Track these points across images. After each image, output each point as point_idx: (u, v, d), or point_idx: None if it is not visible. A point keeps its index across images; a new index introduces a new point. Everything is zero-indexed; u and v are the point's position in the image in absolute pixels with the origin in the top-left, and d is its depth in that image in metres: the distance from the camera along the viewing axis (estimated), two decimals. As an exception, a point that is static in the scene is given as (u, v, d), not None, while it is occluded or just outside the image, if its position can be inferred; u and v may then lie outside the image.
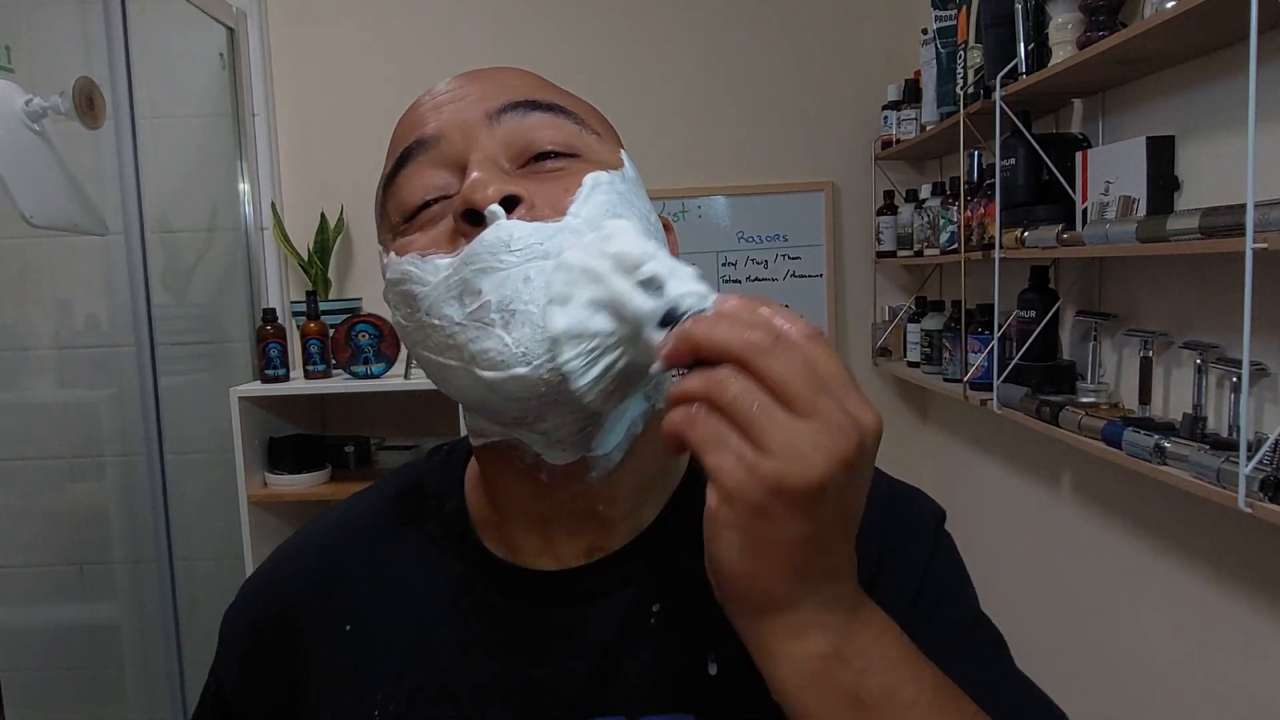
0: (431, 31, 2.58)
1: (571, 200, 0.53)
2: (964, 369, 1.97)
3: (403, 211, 0.56)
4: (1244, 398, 1.20)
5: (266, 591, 0.66)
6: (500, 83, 0.58)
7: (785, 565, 0.42)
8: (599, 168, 0.55)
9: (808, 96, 2.59)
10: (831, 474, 0.41)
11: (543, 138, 0.55)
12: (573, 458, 0.55)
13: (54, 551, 2.45)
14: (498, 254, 0.50)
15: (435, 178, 0.55)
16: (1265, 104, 1.17)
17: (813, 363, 0.43)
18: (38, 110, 1.72)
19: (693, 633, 0.57)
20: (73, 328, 2.46)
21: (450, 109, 0.56)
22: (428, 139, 0.55)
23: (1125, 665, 1.67)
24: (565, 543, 0.59)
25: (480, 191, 0.51)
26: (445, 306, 0.52)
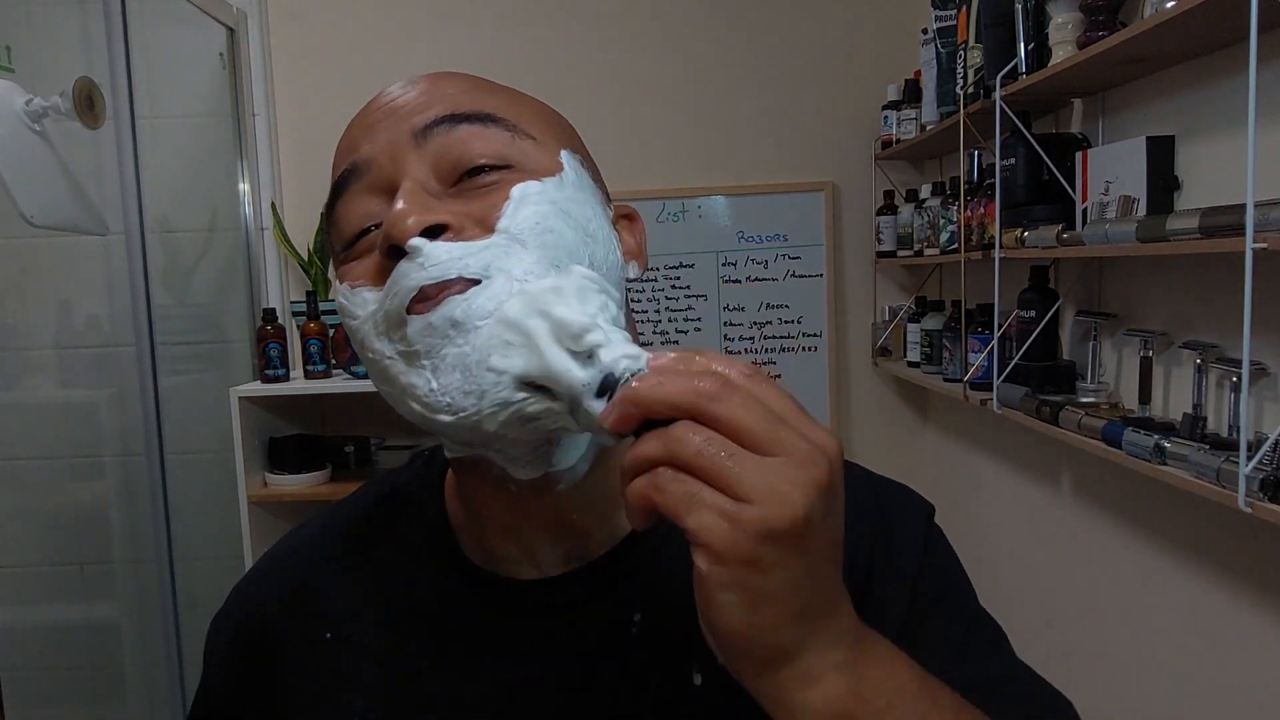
0: (431, 31, 2.58)
1: (499, 215, 0.51)
2: (964, 369, 1.97)
3: (341, 240, 0.55)
4: (1244, 398, 1.20)
5: (249, 600, 0.66)
6: (430, 94, 0.55)
7: (787, 612, 0.41)
8: (533, 176, 0.53)
9: (808, 96, 2.59)
10: (812, 505, 0.39)
11: (472, 151, 0.53)
12: (536, 474, 0.54)
13: (54, 551, 2.45)
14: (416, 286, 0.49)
15: (369, 205, 0.54)
16: (1265, 104, 1.17)
17: (764, 400, 0.41)
18: (38, 110, 1.72)
19: (676, 642, 0.56)
20: (73, 328, 2.46)
21: (380, 129, 0.55)
22: (359, 165, 0.54)
23: (1125, 665, 1.67)
24: (543, 551, 0.58)
25: (399, 225, 0.49)
26: (375, 340, 0.52)
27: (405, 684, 0.58)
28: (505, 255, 0.49)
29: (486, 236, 0.50)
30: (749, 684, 0.44)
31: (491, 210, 0.51)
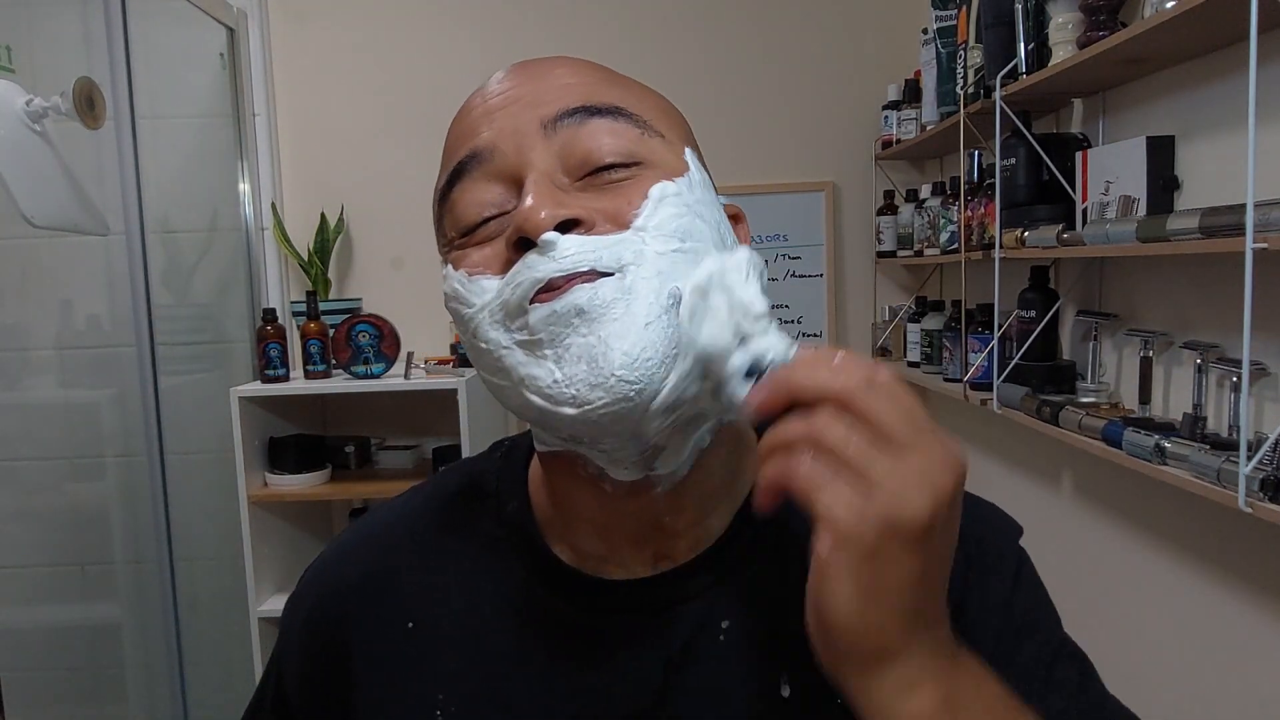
0: (432, 31, 2.58)
1: (636, 214, 0.50)
2: (964, 369, 1.97)
3: (459, 228, 0.54)
4: (1244, 397, 1.20)
5: (323, 585, 0.64)
6: (555, 82, 0.54)
7: (898, 610, 0.42)
8: (665, 175, 0.52)
9: (808, 96, 2.59)
10: (940, 508, 0.41)
11: (602, 148, 0.52)
12: (636, 476, 0.54)
13: (54, 551, 2.45)
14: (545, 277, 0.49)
15: (491, 193, 0.52)
16: (1265, 104, 1.17)
17: (904, 403, 0.42)
18: (38, 110, 1.72)
19: (764, 652, 0.55)
20: (73, 328, 2.46)
21: (503, 116, 0.53)
22: (481, 152, 0.53)
23: (1125, 665, 1.67)
24: (629, 551, 0.57)
25: (533, 219, 0.49)
26: (490, 330, 0.51)
27: (485, 678, 0.57)
28: (640, 251, 0.49)
29: (619, 232, 0.50)
30: (846, 684, 0.44)
31: (626, 207, 0.51)
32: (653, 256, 0.49)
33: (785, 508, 0.55)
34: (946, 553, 0.43)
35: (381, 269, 2.64)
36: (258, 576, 2.26)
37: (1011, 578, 0.60)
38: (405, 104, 2.58)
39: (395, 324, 2.32)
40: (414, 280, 2.61)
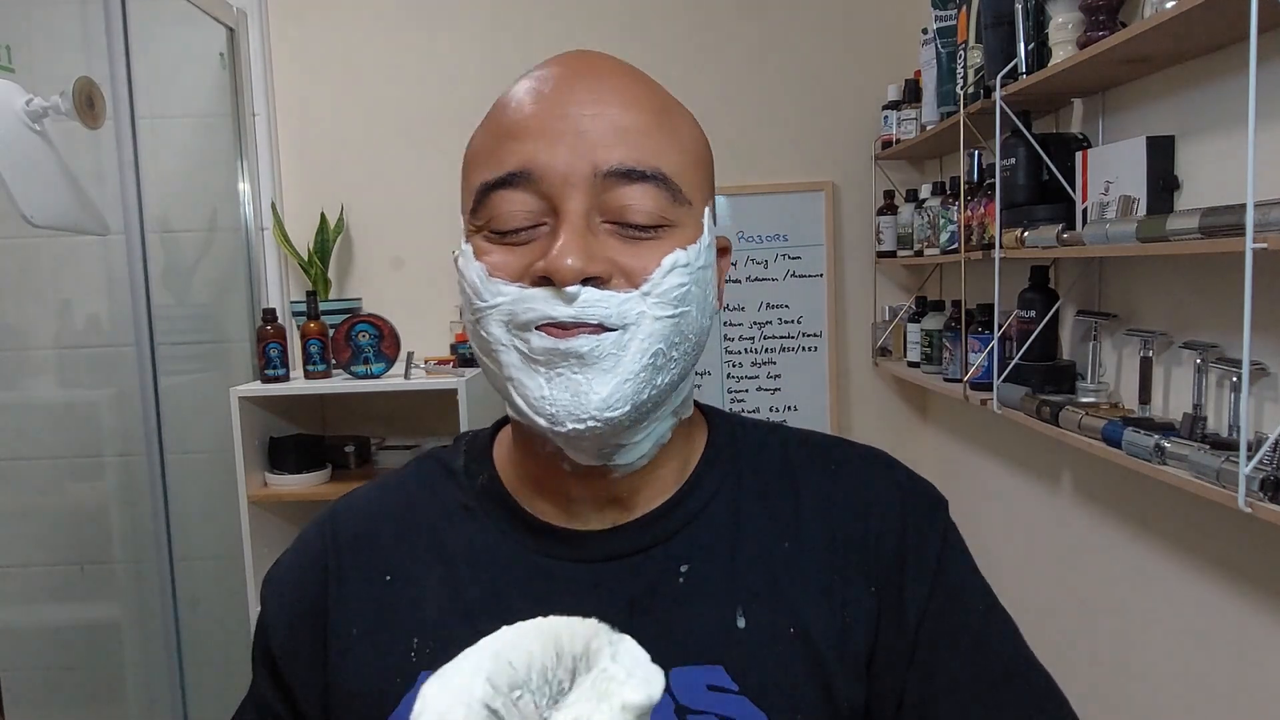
0: (432, 31, 2.58)
1: (647, 278, 0.58)
2: (964, 369, 1.97)
3: (493, 225, 0.60)
4: (1244, 398, 1.20)
5: (308, 546, 0.70)
6: (616, 123, 0.59)
7: None
8: (683, 241, 0.60)
9: (808, 96, 2.59)
10: None
11: (638, 209, 0.59)
12: (593, 463, 0.62)
13: (54, 551, 2.45)
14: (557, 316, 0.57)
15: (530, 206, 0.59)
16: (1265, 104, 1.17)
17: None
18: (38, 110, 1.72)
19: (720, 590, 0.63)
20: (73, 328, 2.46)
21: (564, 147, 0.58)
22: (533, 173, 0.58)
23: (1125, 665, 1.67)
24: (589, 518, 0.65)
25: (563, 270, 0.56)
26: (494, 327, 0.59)
27: (461, 622, 0.63)
28: (642, 314, 0.58)
29: (627, 291, 0.58)
30: None
31: (640, 271, 0.59)
32: (649, 321, 0.58)
33: (734, 473, 0.66)
34: None
35: (381, 269, 2.64)
36: (258, 576, 2.25)
37: (938, 543, 0.66)
38: (405, 104, 2.58)
39: (395, 324, 2.32)
40: (414, 280, 2.61)
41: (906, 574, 0.64)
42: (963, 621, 0.64)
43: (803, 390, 2.65)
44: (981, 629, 0.65)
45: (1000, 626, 0.66)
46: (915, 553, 0.64)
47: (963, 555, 0.67)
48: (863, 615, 0.62)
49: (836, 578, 0.63)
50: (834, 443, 0.72)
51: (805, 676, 0.60)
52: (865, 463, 0.70)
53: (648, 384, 0.58)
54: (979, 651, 0.63)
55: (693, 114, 0.66)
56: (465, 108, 2.66)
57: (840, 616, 0.62)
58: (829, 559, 0.64)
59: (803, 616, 0.62)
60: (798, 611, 0.62)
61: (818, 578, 0.63)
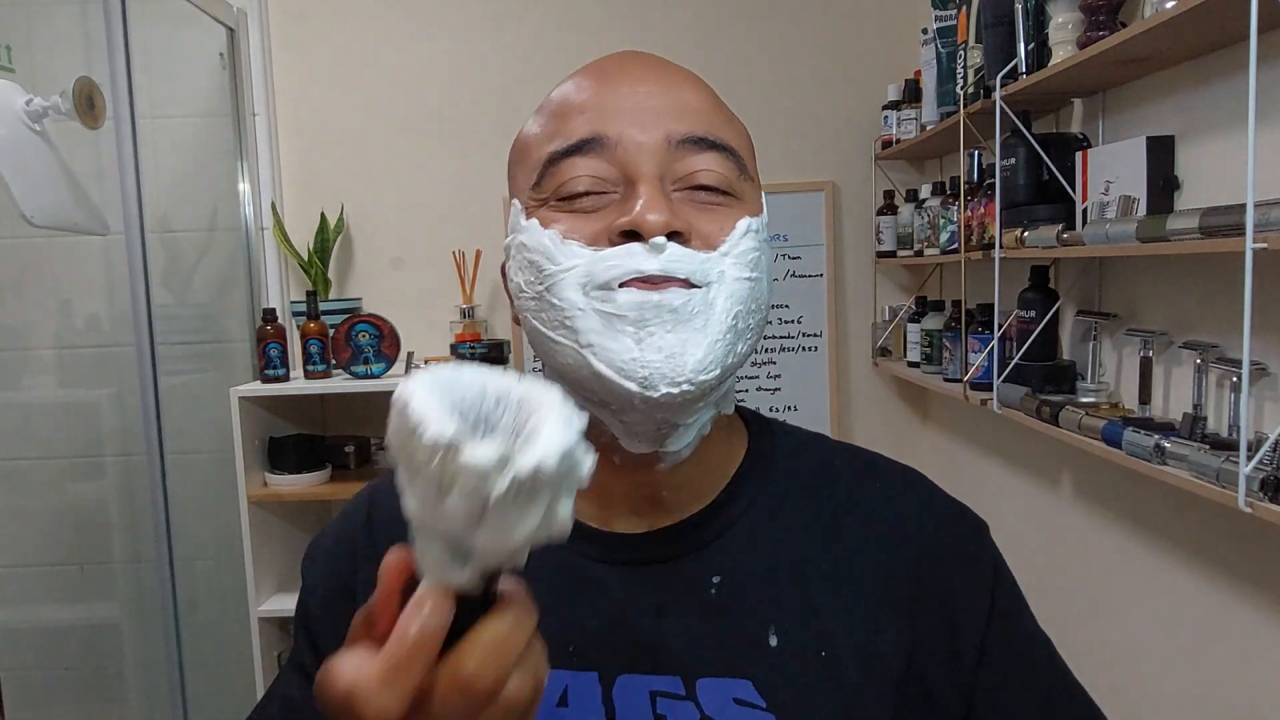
0: (431, 31, 2.58)
1: (724, 239, 0.58)
2: (964, 369, 1.97)
3: (561, 192, 0.59)
4: (1244, 397, 1.20)
5: (347, 523, 0.71)
6: (681, 100, 0.61)
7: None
8: (749, 212, 0.61)
9: (808, 96, 2.59)
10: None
11: (710, 176, 0.59)
12: (647, 449, 0.60)
13: (54, 551, 2.45)
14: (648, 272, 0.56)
15: (603, 172, 0.58)
16: (1265, 104, 1.17)
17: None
18: (38, 110, 1.72)
19: (753, 606, 0.61)
20: (73, 328, 2.46)
21: (633, 116, 0.59)
22: (606, 140, 0.58)
23: (1125, 665, 1.67)
24: (623, 520, 0.64)
25: (652, 221, 0.55)
26: (569, 291, 0.57)
27: None
28: (723, 273, 0.57)
29: (707, 251, 0.58)
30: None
31: (718, 232, 0.58)
32: (730, 281, 0.57)
33: (772, 485, 0.64)
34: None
35: (381, 269, 2.64)
36: (258, 576, 2.26)
37: (990, 571, 0.66)
38: (405, 104, 2.58)
39: (395, 324, 2.32)
40: (414, 280, 2.61)
41: (957, 608, 0.63)
42: (1026, 665, 0.65)
43: (803, 390, 2.65)
44: (1046, 672, 0.66)
45: (1057, 662, 0.67)
46: (966, 587, 0.64)
47: (1013, 586, 0.67)
48: (898, 641, 0.61)
49: (872, 601, 0.62)
50: (873, 460, 0.71)
51: (833, 700, 0.59)
52: (907, 485, 0.69)
53: (732, 348, 0.57)
54: (1045, 693, 0.65)
55: None
56: (466, 107, 2.68)
57: (874, 641, 0.61)
58: (866, 581, 0.62)
59: (835, 640, 0.60)
60: (831, 634, 0.60)
61: (853, 600, 0.62)
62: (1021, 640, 0.66)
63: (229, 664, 2.34)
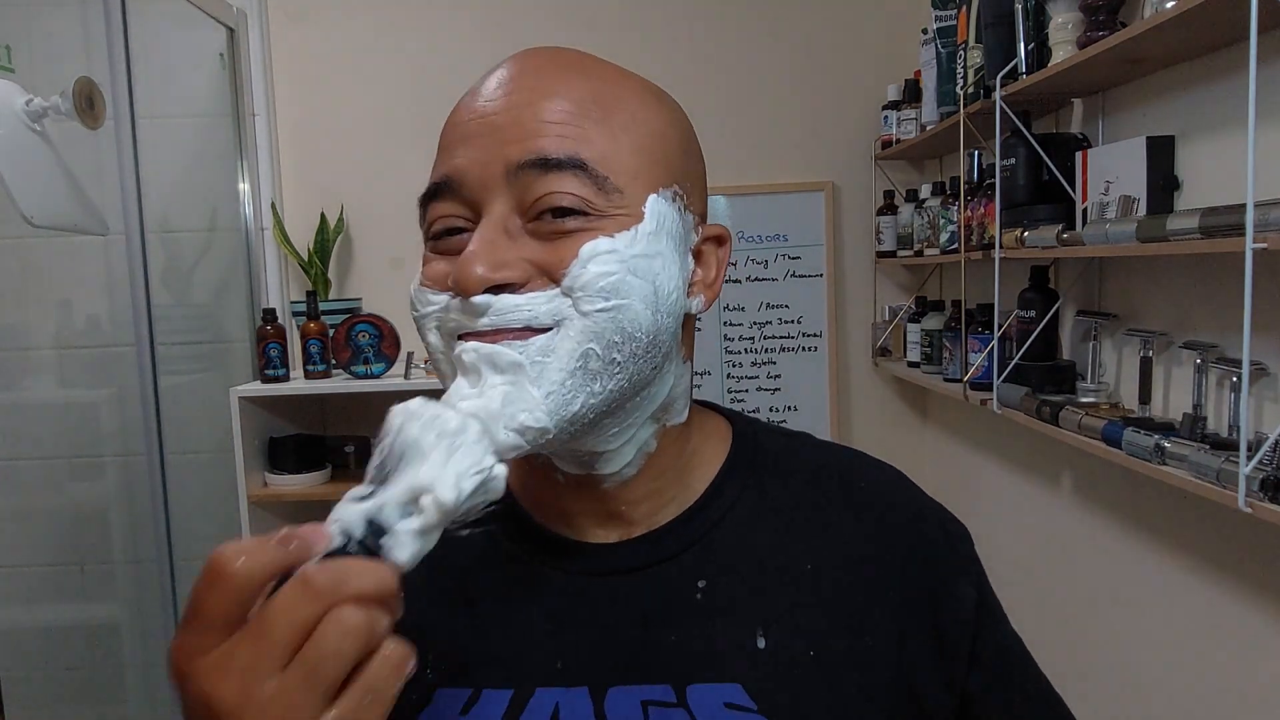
0: (431, 31, 2.58)
1: (565, 272, 0.53)
2: (964, 369, 1.97)
3: (428, 235, 0.59)
4: (1244, 398, 1.20)
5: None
6: (526, 116, 0.55)
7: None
8: (612, 228, 0.54)
9: (808, 96, 2.59)
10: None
11: (560, 199, 0.54)
12: (580, 472, 0.59)
13: (54, 551, 2.45)
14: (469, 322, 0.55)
15: (456, 211, 0.57)
16: (1265, 104, 1.17)
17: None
18: (38, 110, 1.72)
19: (740, 609, 0.60)
20: (73, 328, 2.46)
21: (477, 144, 0.56)
22: (453, 180, 0.56)
23: (1125, 665, 1.67)
24: (593, 533, 0.63)
25: (467, 280, 0.53)
26: (431, 335, 0.58)
27: (475, 637, 0.61)
28: (559, 318, 0.53)
29: (552, 288, 0.54)
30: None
31: (558, 265, 0.54)
32: (579, 317, 0.53)
33: (755, 488, 0.63)
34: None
35: (381, 269, 2.64)
36: (258, 576, 2.25)
37: (976, 576, 0.66)
38: (405, 104, 2.58)
39: (395, 324, 2.32)
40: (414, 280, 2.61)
41: (946, 608, 0.63)
42: (1015, 668, 0.66)
43: (803, 390, 2.65)
44: (1030, 675, 0.67)
45: (1033, 664, 0.68)
46: (954, 588, 0.64)
47: (991, 590, 0.67)
48: (887, 641, 0.61)
49: (861, 601, 0.61)
50: (855, 458, 0.70)
51: (824, 701, 0.59)
52: (891, 484, 0.69)
53: (579, 392, 0.53)
54: (1034, 694, 0.66)
55: (662, 96, 0.62)
56: (465, 108, 2.67)
57: (864, 641, 0.60)
58: (854, 581, 0.62)
59: (824, 642, 0.60)
60: (819, 637, 0.60)
61: (842, 600, 0.61)
62: (1006, 642, 0.66)
63: (229, 664, 2.34)
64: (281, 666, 0.39)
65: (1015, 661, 0.66)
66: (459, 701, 0.59)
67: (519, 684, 0.59)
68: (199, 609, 0.40)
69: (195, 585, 0.41)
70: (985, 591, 0.66)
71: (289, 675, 0.39)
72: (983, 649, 0.63)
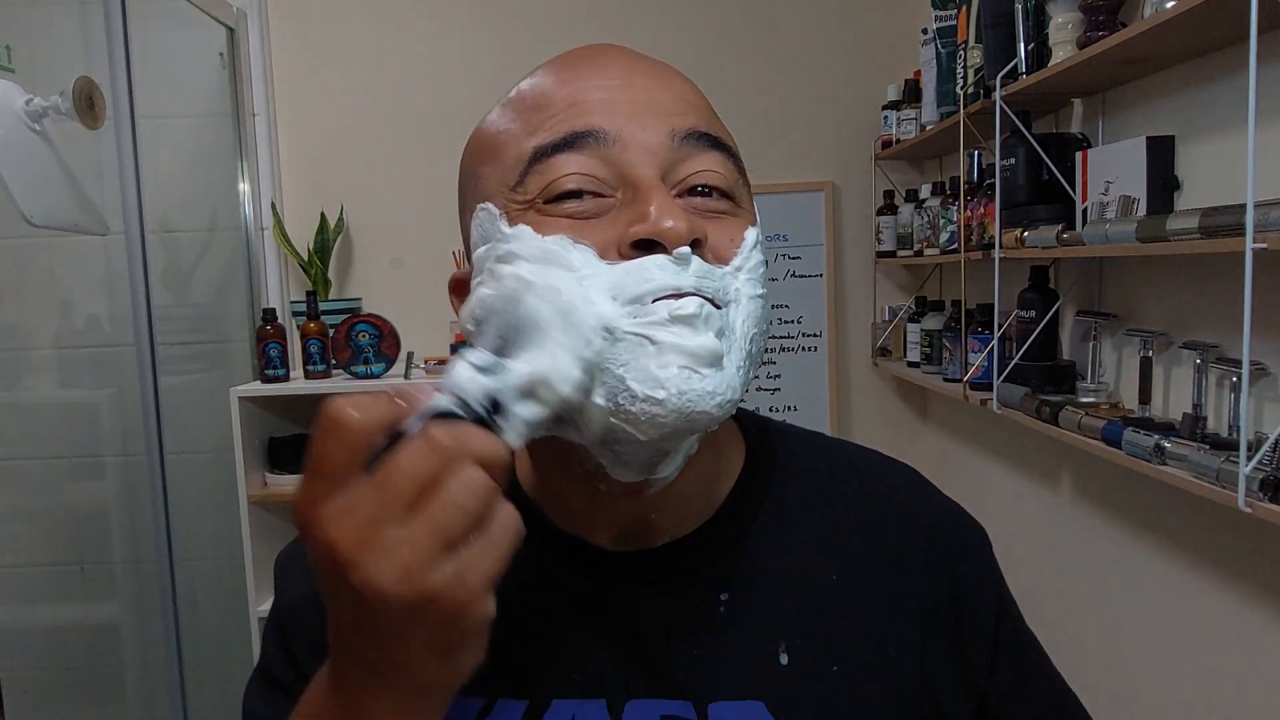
0: (432, 31, 2.58)
1: (735, 252, 0.53)
2: (964, 369, 1.97)
3: (548, 192, 0.52)
4: (1244, 397, 1.20)
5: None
6: (676, 94, 0.55)
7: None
8: (748, 221, 0.55)
9: (808, 96, 2.59)
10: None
11: (714, 178, 0.54)
12: (637, 478, 0.55)
13: (54, 551, 2.45)
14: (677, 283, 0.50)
15: (598, 171, 0.52)
16: (1265, 104, 1.17)
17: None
18: (38, 110, 1.72)
19: (763, 622, 0.58)
20: (73, 328, 2.47)
21: (629, 109, 0.53)
22: (602, 134, 0.52)
23: (1125, 665, 1.67)
24: (616, 542, 0.60)
25: (675, 232, 0.49)
26: (604, 304, 0.51)
27: (493, 646, 0.57)
28: (739, 291, 0.53)
29: (720, 266, 0.52)
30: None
31: (729, 244, 0.53)
32: (746, 301, 0.53)
33: (775, 496, 0.61)
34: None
35: (381, 269, 2.64)
36: (257, 576, 2.25)
37: (995, 577, 0.66)
38: (405, 104, 2.58)
39: (395, 324, 2.32)
40: (414, 280, 2.61)
41: (967, 611, 0.62)
42: (1034, 671, 0.65)
43: (803, 390, 2.65)
44: (1048, 676, 0.66)
45: (1049, 664, 0.67)
46: (974, 591, 0.63)
47: (1008, 591, 0.66)
48: (909, 649, 0.59)
49: (883, 608, 0.60)
50: (870, 459, 0.69)
51: (846, 715, 0.57)
52: (909, 485, 0.67)
53: (748, 374, 0.53)
54: (1051, 698, 0.65)
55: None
56: (466, 107, 2.66)
57: (886, 651, 0.59)
58: (875, 588, 0.61)
59: (847, 653, 0.58)
60: (842, 648, 0.58)
61: (864, 608, 0.60)
62: (1025, 645, 0.66)
63: (229, 664, 2.34)
64: (402, 515, 0.40)
65: (1033, 664, 0.66)
66: (472, 711, 0.57)
67: (535, 694, 0.57)
68: (317, 458, 0.42)
69: (314, 438, 0.42)
70: (1004, 595, 0.65)
71: (413, 525, 0.40)
72: (1002, 654, 0.62)
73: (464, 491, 0.41)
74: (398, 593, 0.40)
